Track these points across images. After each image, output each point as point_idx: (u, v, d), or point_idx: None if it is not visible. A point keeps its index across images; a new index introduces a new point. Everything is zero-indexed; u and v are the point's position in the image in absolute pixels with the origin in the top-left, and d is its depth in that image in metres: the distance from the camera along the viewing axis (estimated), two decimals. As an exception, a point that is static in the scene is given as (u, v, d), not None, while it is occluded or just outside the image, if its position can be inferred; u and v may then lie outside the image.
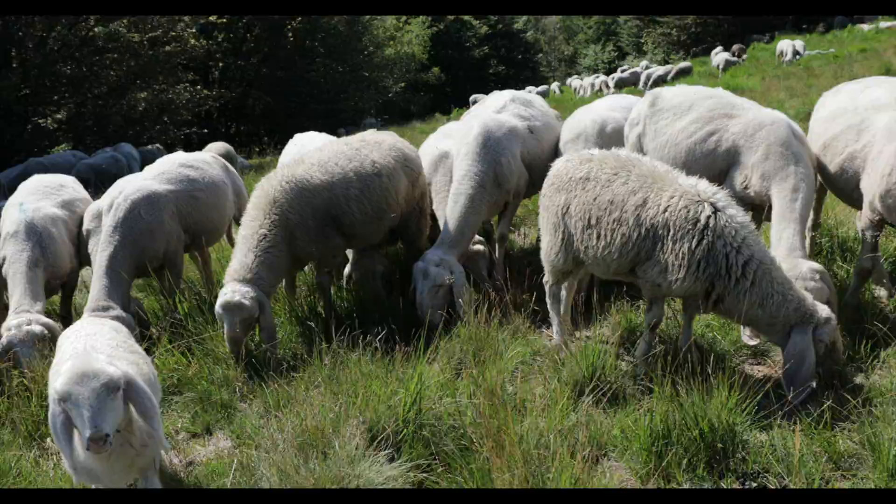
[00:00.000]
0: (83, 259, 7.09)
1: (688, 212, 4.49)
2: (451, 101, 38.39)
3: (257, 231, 5.86)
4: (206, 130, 33.13)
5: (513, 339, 5.55)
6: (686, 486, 3.80)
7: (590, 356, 4.87)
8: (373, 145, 6.58)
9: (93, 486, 3.31)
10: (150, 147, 22.92)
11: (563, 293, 5.68)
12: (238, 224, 7.88)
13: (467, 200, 6.43)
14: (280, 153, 8.94)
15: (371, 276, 6.80)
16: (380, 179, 6.35)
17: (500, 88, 12.00)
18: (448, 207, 6.52)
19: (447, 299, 6.13)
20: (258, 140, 35.40)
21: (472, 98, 28.61)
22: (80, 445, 2.97)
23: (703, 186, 4.64)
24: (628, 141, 6.69)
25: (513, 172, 6.76)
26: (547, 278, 5.62)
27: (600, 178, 4.88)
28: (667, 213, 4.54)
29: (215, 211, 7.18)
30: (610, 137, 6.90)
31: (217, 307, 5.63)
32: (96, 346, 3.50)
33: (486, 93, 22.92)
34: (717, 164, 5.89)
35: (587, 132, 7.08)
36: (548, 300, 5.69)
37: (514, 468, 3.45)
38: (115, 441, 2.97)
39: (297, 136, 8.76)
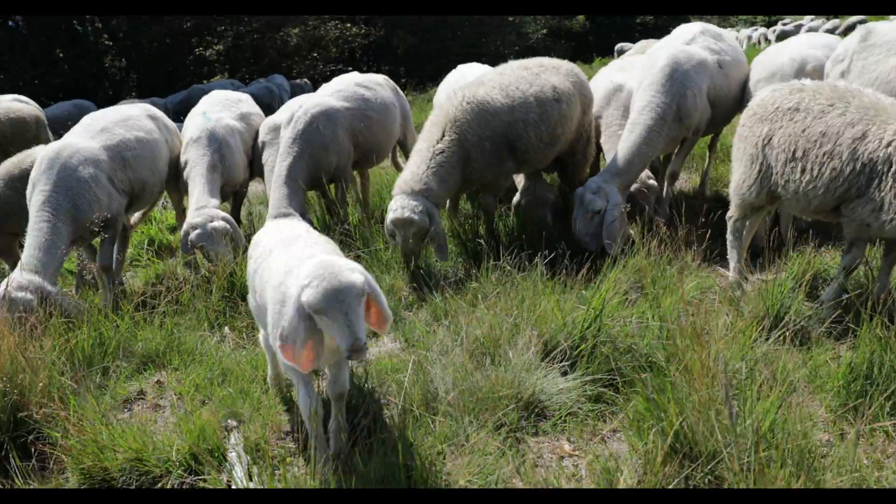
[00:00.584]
0: (257, 170, 7.45)
1: (916, 148, 4.08)
2: (595, 50, 36.94)
3: (434, 146, 5.85)
4: (350, 68, 33.79)
5: (680, 274, 5.32)
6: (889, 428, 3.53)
7: (772, 295, 4.61)
8: (552, 70, 6.45)
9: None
10: (298, 81, 23.68)
11: (745, 231, 5.37)
12: (402, 148, 8.03)
13: (644, 131, 6.16)
14: (420, 94, 8.97)
15: (541, 203, 6.71)
16: (558, 105, 6.24)
17: (647, 38, 11.49)
18: (622, 138, 6.27)
19: (601, 229, 5.90)
20: (397, 80, 35.75)
21: (617, 47, 27.41)
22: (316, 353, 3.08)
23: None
24: (829, 79, 6.14)
25: (696, 108, 6.39)
26: (732, 213, 5.32)
27: (812, 108, 4.51)
28: (890, 148, 4.14)
29: (384, 131, 7.30)
30: (809, 77, 6.36)
31: (388, 222, 5.73)
32: (319, 246, 3.58)
33: (633, 42, 22.00)
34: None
35: (784, 71, 6.57)
36: (728, 236, 5.40)
37: (707, 388, 3.30)
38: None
39: (460, 66, 8.76)
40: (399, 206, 5.66)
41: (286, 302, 3.14)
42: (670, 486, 2.98)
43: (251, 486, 3.34)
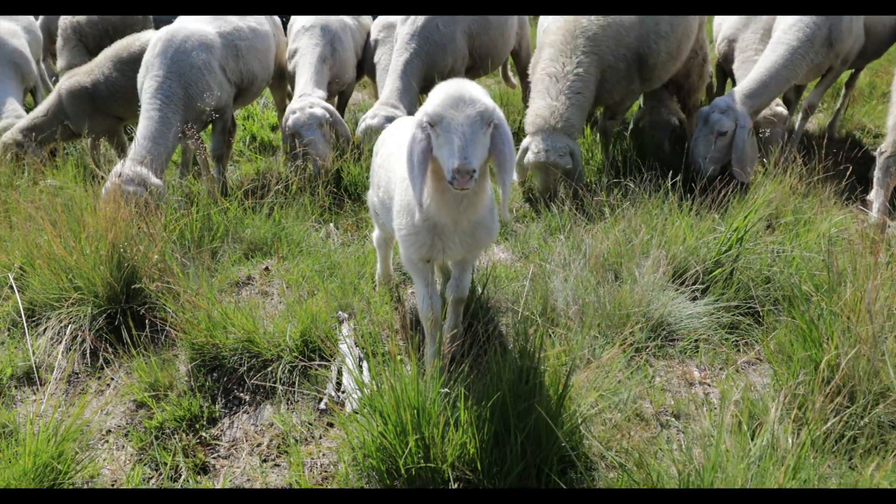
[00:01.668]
0: (368, 70, 7.21)
1: None
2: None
3: (565, 69, 5.35)
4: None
5: (812, 209, 4.86)
6: None
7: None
8: None
9: (421, 253, 3.15)
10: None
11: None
12: (515, 59, 7.61)
13: (787, 52, 5.59)
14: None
15: (662, 127, 6.27)
16: (684, 16, 5.71)
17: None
18: (761, 57, 5.73)
19: (725, 153, 5.48)
20: None
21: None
22: (431, 188, 2.82)
23: None
24: None
25: (850, 32, 5.76)
26: (885, 148, 4.83)
27: None
28: None
29: (501, 37, 6.90)
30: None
31: (532, 166, 5.35)
32: None
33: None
34: None
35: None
36: (876, 173, 4.91)
37: (862, 324, 2.95)
38: (470, 191, 2.69)
39: None
40: (542, 150, 5.22)
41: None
42: (826, 427, 2.68)
43: (364, 378, 3.21)
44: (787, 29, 5.66)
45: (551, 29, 5.65)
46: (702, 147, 5.52)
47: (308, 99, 5.85)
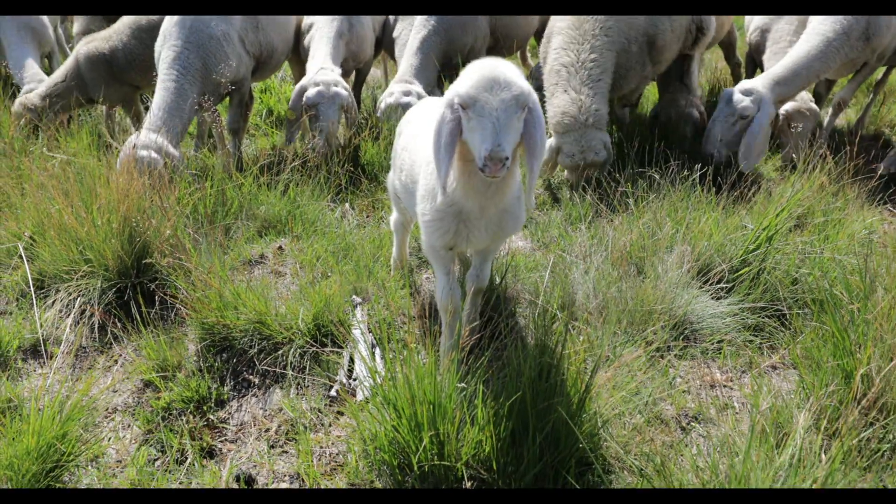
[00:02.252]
0: (386, 47, 7.05)
1: None
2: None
3: (587, 59, 5.17)
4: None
5: (844, 208, 4.71)
6: None
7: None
8: None
9: (445, 240, 3.05)
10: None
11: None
12: (538, 40, 7.43)
13: (822, 43, 5.42)
14: None
15: (686, 118, 6.11)
16: None
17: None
18: (795, 46, 5.55)
19: (741, 138, 5.29)
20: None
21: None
22: (458, 171, 2.72)
23: None
24: None
25: (889, 28, 5.56)
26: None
27: None
28: None
29: (524, 18, 6.75)
30: None
31: (568, 168, 5.24)
32: None
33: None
34: None
35: None
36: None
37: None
38: (499, 178, 2.53)
39: None
40: (576, 151, 5.07)
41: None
42: (857, 440, 2.58)
43: (377, 366, 3.13)
44: (824, 20, 5.48)
45: (558, 16, 5.49)
46: (719, 128, 5.35)
47: (332, 76, 5.65)
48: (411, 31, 6.11)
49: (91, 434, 2.98)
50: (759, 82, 5.36)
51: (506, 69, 2.46)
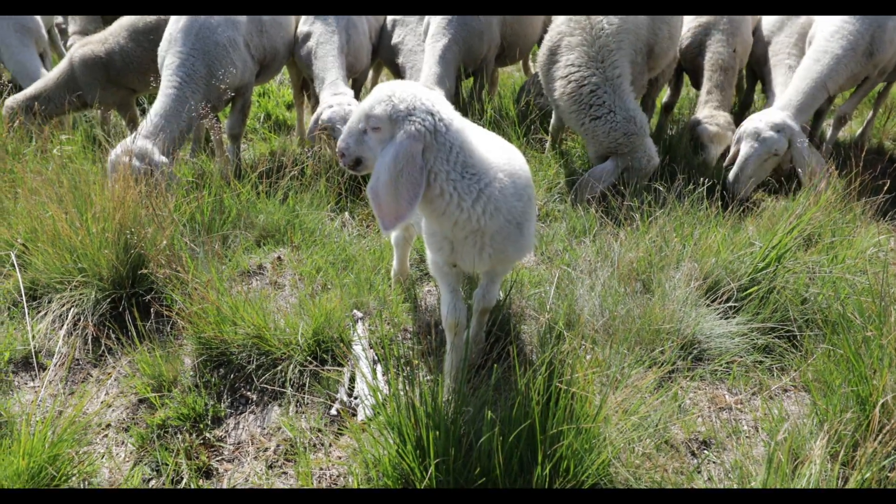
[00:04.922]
0: (383, 54, 6.95)
1: None
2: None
3: (612, 76, 5.07)
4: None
5: (852, 227, 4.65)
6: None
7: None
8: None
9: (443, 255, 2.98)
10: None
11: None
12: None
13: (832, 62, 5.38)
14: None
15: (689, 130, 6.04)
16: None
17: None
18: (804, 68, 5.50)
19: (768, 173, 5.35)
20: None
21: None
22: None
23: None
24: None
25: (892, 43, 5.52)
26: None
27: None
28: None
29: (531, 26, 6.66)
30: None
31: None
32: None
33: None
34: None
35: None
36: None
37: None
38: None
39: None
40: (646, 161, 5.16)
41: None
42: (876, 471, 2.51)
43: (379, 384, 3.04)
44: (830, 37, 5.44)
45: (562, 29, 5.27)
46: (751, 166, 5.28)
47: (346, 98, 5.57)
48: (426, 39, 5.96)
49: (83, 452, 2.88)
50: (785, 115, 5.35)
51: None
